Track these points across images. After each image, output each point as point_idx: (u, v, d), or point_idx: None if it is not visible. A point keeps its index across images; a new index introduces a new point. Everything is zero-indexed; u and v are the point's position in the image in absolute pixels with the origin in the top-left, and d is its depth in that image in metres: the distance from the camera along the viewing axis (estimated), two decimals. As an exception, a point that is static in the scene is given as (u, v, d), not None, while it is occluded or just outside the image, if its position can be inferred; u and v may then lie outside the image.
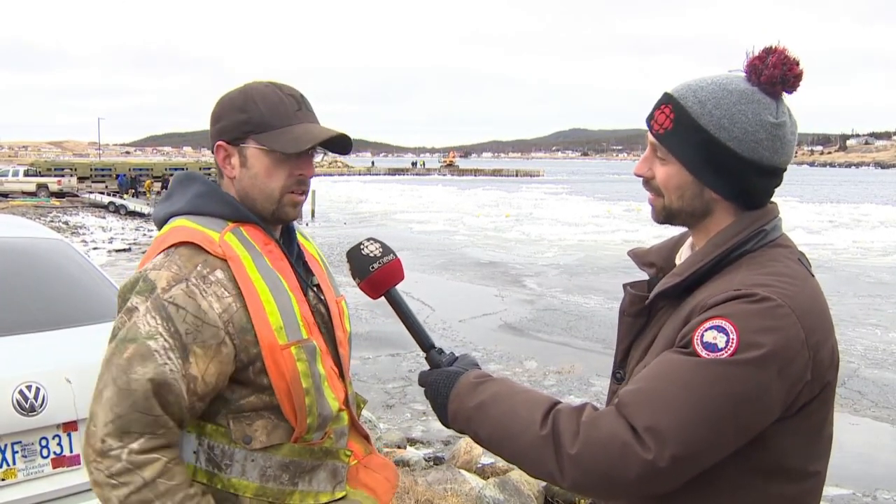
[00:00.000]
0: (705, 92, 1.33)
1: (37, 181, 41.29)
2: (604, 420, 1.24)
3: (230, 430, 1.48)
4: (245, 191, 1.55)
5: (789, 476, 1.30)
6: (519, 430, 1.30)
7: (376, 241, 1.57)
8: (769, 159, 1.33)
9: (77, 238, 22.39)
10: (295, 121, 1.54)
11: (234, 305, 1.45)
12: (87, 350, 3.06)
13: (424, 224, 30.28)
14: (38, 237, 3.80)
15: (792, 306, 1.22)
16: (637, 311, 1.47)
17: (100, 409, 1.38)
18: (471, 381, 1.40)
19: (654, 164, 1.41)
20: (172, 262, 1.45)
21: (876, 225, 32.18)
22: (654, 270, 1.52)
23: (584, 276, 17.10)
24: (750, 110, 1.31)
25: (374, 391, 8.12)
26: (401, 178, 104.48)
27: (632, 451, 1.19)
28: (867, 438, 7.21)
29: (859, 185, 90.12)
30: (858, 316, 12.81)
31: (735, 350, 1.19)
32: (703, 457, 1.21)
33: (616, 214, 36.77)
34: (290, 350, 1.47)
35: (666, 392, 1.21)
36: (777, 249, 1.35)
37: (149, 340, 1.38)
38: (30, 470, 2.75)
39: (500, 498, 4.60)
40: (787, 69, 1.31)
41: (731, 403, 1.19)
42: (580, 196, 56.57)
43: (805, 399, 1.25)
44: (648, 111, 1.43)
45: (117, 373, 1.38)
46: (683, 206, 1.39)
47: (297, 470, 1.53)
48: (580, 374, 9.00)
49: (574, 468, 1.23)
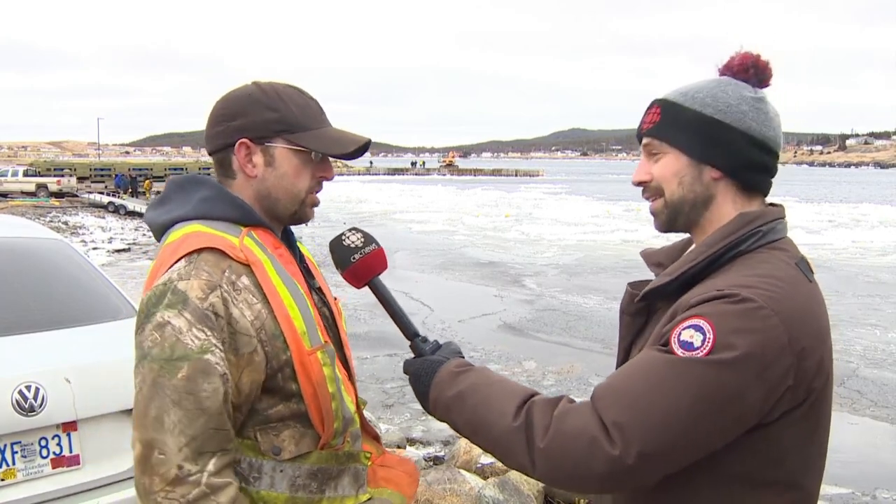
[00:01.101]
0: (687, 86, 1.42)
1: (36, 181, 41.32)
2: (575, 414, 1.24)
3: (258, 441, 1.44)
4: (268, 191, 1.51)
5: (774, 487, 1.28)
6: (493, 420, 1.30)
7: (358, 232, 1.56)
8: (758, 131, 1.36)
9: (76, 238, 22.38)
10: (323, 124, 1.54)
11: (263, 312, 1.41)
12: (86, 350, 3.07)
13: (424, 224, 30.25)
14: (37, 237, 3.81)
15: (776, 309, 1.20)
16: (635, 309, 1.48)
17: (166, 436, 1.29)
18: (451, 371, 1.41)
19: (650, 166, 1.43)
20: (200, 270, 1.38)
21: (875, 225, 32.16)
22: (661, 270, 1.51)
23: (584, 276, 17.09)
24: (730, 88, 1.38)
25: (372, 391, 8.11)
26: (400, 178, 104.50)
27: (599, 446, 1.18)
28: (866, 438, 7.21)
29: (859, 185, 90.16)
30: (857, 316, 12.80)
31: (710, 350, 1.18)
32: (672, 455, 1.19)
33: (615, 214, 36.75)
34: (316, 355, 1.45)
35: (637, 388, 1.21)
36: (773, 252, 1.33)
37: (205, 355, 1.32)
38: (29, 470, 2.75)
39: (500, 498, 4.60)
40: (753, 58, 1.40)
41: (703, 403, 1.17)
42: (579, 196, 56.57)
43: (787, 406, 1.23)
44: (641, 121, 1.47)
45: (179, 394, 1.30)
46: (685, 195, 1.39)
47: (324, 477, 1.51)
48: (579, 374, 9.00)
49: (544, 461, 1.23)
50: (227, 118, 1.51)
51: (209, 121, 1.54)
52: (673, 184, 1.39)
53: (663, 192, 1.41)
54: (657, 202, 1.43)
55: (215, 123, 1.52)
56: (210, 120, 1.54)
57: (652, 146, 1.42)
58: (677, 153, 1.39)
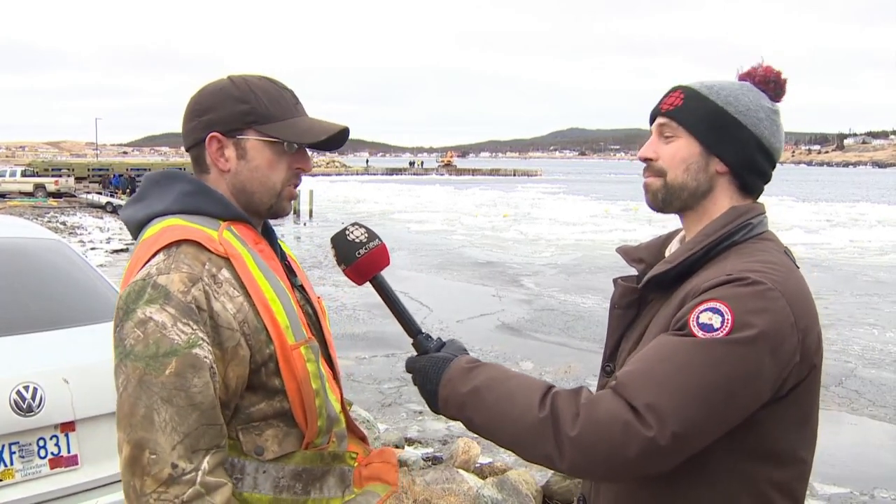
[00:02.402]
0: (711, 82, 1.48)
1: (34, 181, 41.22)
2: (603, 401, 1.26)
3: (240, 441, 1.41)
4: (242, 184, 1.49)
5: (778, 461, 1.34)
6: (517, 413, 1.31)
7: (361, 227, 1.54)
8: (768, 139, 1.44)
9: (75, 238, 22.36)
10: (297, 113, 1.52)
11: (245, 305, 1.38)
12: (84, 350, 3.07)
13: (422, 224, 30.25)
14: (35, 237, 3.80)
15: (781, 290, 1.27)
16: (628, 302, 1.52)
17: (157, 434, 1.25)
18: (463, 367, 1.40)
19: (659, 146, 1.48)
20: (180, 263, 1.35)
21: (873, 224, 32.20)
22: (642, 266, 1.57)
23: (582, 276, 17.09)
24: (751, 94, 1.46)
25: (369, 391, 8.12)
26: (399, 177, 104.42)
27: (633, 429, 1.21)
28: (865, 437, 7.22)
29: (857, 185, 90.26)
30: (856, 315, 12.80)
31: (730, 330, 1.23)
32: (701, 434, 1.24)
33: (614, 214, 36.79)
34: (299, 350, 1.43)
35: (664, 372, 1.24)
36: (764, 242, 1.41)
37: (193, 349, 1.29)
38: (27, 470, 2.75)
39: (499, 497, 4.60)
40: (776, 74, 1.49)
41: (728, 381, 1.23)
42: (578, 196, 56.59)
43: (794, 381, 1.30)
44: (653, 106, 1.52)
45: (168, 391, 1.27)
46: (687, 182, 1.45)
47: (309, 478, 1.49)
48: (577, 374, 9.00)
49: (574, 449, 1.25)
50: (198, 113, 1.49)
51: (183, 117, 1.52)
52: (679, 168, 1.45)
53: (666, 173, 1.46)
54: (656, 180, 1.48)
55: (188, 119, 1.51)
56: (184, 116, 1.52)
57: (667, 128, 1.47)
58: (691, 140, 1.44)
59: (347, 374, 8.73)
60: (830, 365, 9.45)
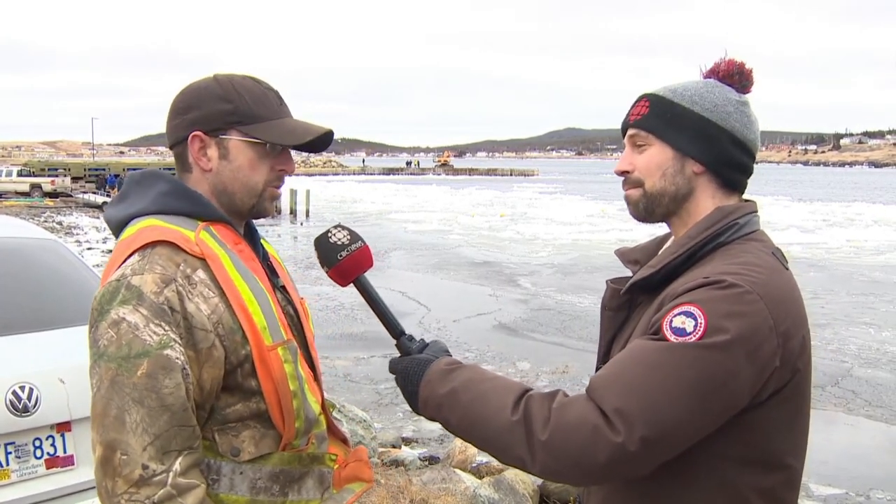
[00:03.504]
0: (674, 85, 1.48)
1: (30, 181, 41.17)
2: (574, 405, 1.26)
3: (216, 442, 1.40)
4: (224, 184, 1.48)
5: (762, 467, 1.32)
6: (490, 415, 1.31)
7: (344, 229, 1.54)
8: (740, 132, 1.43)
9: (71, 238, 22.33)
10: (281, 114, 1.51)
11: (220, 306, 1.38)
12: (80, 350, 3.05)
13: (419, 224, 30.24)
14: (31, 237, 3.79)
15: (760, 293, 1.25)
16: (617, 304, 1.52)
17: (128, 436, 1.26)
18: (442, 368, 1.41)
19: (633, 157, 1.48)
20: (154, 264, 1.35)
21: (869, 224, 32.27)
22: (637, 268, 1.56)
23: (579, 276, 17.11)
24: (717, 90, 1.45)
25: (366, 391, 8.13)
26: (395, 177, 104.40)
27: (601, 434, 1.20)
28: (861, 438, 7.23)
29: (853, 185, 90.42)
30: (852, 315, 12.82)
31: (703, 334, 1.22)
32: (672, 440, 1.22)
33: (610, 214, 36.79)
34: (276, 351, 1.42)
35: (634, 375, 1.23)
36: (751, 243, 1.39)
37: (164, 350, 1.29)
38: (23, 471, 2.75)
39: (495, 497, 4.60)
40: (739, 65, 1.48)
41: (699, 386, 1.21)
42: (574, 195, 56.60)
43: (775, 386, 1.28)
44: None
45: (139, 392, 1.27)
46: (665, 187, 1.44)
47: (286, 479, 1.48)
48: (574, 374, 9.00)
49: (545, 453, 1.24)
50: (181, 111, 1.48)
51: (167, 115, 1.52)
52: (656, 175, 1.44)
53: (643, 182, 1.46)
54: (635, 191, 1.48)
55: (172, 117, 1.50)
56: (168, 113, 1.52)
57: (638, 137, 1.46)
58: (663, 145, 1.43)
59: (344, 374, 8.73)
60: (826, 365, 9.47)
